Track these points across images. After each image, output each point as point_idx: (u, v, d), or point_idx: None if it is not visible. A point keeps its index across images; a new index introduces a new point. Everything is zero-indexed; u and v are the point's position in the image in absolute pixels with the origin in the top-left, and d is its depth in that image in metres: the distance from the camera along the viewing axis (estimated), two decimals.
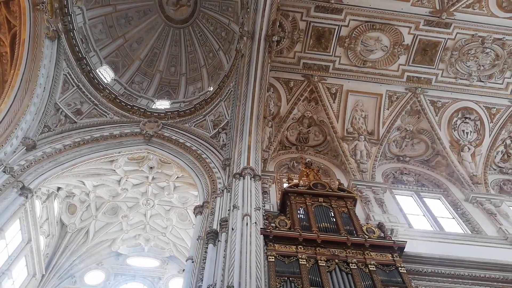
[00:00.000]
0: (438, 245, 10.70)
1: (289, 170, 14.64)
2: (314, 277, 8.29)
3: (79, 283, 18.43)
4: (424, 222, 12.54)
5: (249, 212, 9.51)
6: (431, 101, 15.39)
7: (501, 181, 15.31)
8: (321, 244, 9.12)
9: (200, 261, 9.17)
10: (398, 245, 9.44)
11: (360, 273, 8.54)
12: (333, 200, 10.74)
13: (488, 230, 11.88)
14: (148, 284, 19.05)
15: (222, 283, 7.85)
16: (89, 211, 18.19)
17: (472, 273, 9.64)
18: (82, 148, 14.18)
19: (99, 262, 19.53)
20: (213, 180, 12.57)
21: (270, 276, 8.17)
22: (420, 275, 9.39)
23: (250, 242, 8.57)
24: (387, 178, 14.81)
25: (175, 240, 19.49)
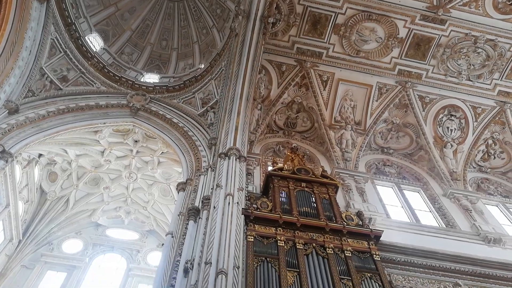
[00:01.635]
0: (413, 236, 11.02)
1: (275, 154, 14.73)
2: (291, 259, 8.47)
3: (56, 251, 18.38)
4: (402, 213, 12.86)
5: (232, 192, 9.57)
6: (420, 96, 15.56)
7: (479, 179, 15.75)
8: (300, 227, 9.29)
9: (180, 236, 9.23)
10: (375, 234, 9.69)
11: (336, 258, 8.76)
12: (316, 186, 10.89)
13: (462, 225, 12.27)
14: (126, 256, 19.13)
15: (200, 259, 7.94)
16: (70, 180, 18.00)
17: (443, 265, 10.00)
18: (66, 116, 13.91)
19: (78, 231, 19.47)
20: (198, 158, 12.54)
21: (248, 255, 8.31)
22: (393, 264, 9.68)
23: (231, 221, 8.65)
24: (370, 168, 15.06)
25: (155, 215, 19.53)
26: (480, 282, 9.91)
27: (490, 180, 15.90)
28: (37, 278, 16.92)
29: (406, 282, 9.41)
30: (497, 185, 15.74)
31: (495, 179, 15.98)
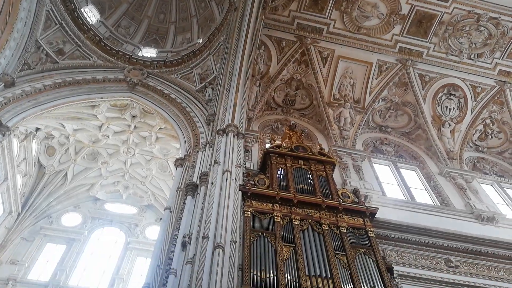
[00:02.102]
0: (407, 213, 11.20)
1: (273, 131, 14.72)
2: (287, 234, 8.61)
3: (55, 224, 18.59)
4: (398, 191, 13.01)
5: (229, 168, 9.63)
6: (420, 74, 15.45)
7: (475, 158, 15.87)
8: (297, 204, 9.40)
9: (178, 211, 9.34)
10: (370, 211, 9.83)
11: (331, 234, 8.91)
12: (313, 164, 10.95)
13: (456, 203, 12.45)
14: (124, 229, 19.39)
15: (198, 233, 8.07)
16: (68, 155, 18.02)
17: (436, 242, 10.20)
18: (63, 90, 13.77)
19: (77, 205, 19.64)
20: (196, 135, 12.54)
21: (245, 230, 8.44)
22: (387, 240, 9.87)
23: (229, 197, 8.75)
24: (367, 146, 15.12)
25: (154, 190, 19.68)
26: (471, 259, 10.14)
27: (486, 159, 16.02)
28: (37, 250, 17.20)
29: (400, 258, 9.62)
30: (492, 165, 15.88)
31: (491, 159, 16.09)
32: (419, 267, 9.55)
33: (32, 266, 16.48)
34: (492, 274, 9.91)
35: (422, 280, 9.20)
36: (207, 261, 7.22)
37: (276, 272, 7.66)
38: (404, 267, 9.40)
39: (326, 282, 7.70)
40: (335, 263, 8.16)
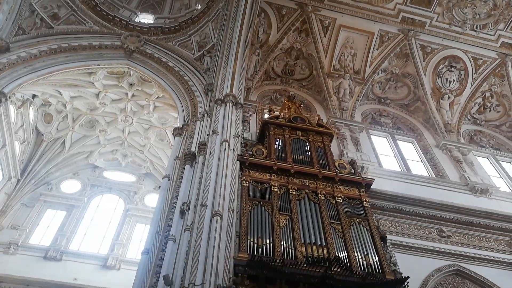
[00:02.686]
0: (403, 184, 11.37)
1: (272, 102, 14.65)
2: (284, 204, 8.77)
3: (55, 190, 18.79)
4: (394, 163, 13.15)
5: (228, 138, 9.66)
6: (421, 45, 15.22)
7: (472, 131, 15.94)
8: (294, 174, 9.51)
9: (176, 179, 9.45)
10: (366, 182, 9.98)
11: (327, 204, 9.09)
12: (311, 135, 11.00)
13: (451, 175, 12.62)
14: (124, 197, 19.64)
15: (197, 201, 8.21)
16: (65, 122, 17.96)
17: (429, 212, 10.44)
18: (59, 56, 13.53)
19: (76, 172, 19.78)
20: (194, 104, 12.47)
21: (242, 199, 8.59)
22: (382, 210, 10.09)
23: (227, 167, 8.84)
24: (366, 118, 15.12)
25: (152, 158, 19.78)
26: (463, 230, 10.42)
27: (483, 132, 16.10)
28: (37, 215, 17.47)
29: (393, 228, 9.86)
30: (489, 138, 15.98)
31: (488, 132, 16.17)
32: (411, 236, 9.81)
33: (33, 231, 16.80)
34: (482, 244, 10.21)
35: (414, 249, 9.48)
36: (205, 228, 7.39)
37: (273, 239, 7.86)
38: (397, 236, 9.65)
39: (321, 249, 7.93)
40: (330, 231, 8.37)
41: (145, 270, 7.40)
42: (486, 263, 9.72)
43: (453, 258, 9.58)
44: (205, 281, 6.48)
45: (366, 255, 8.13)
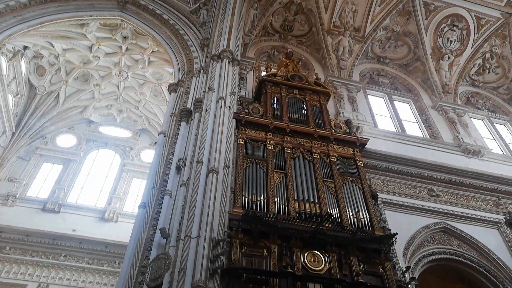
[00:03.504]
0: (397, 145, 11.50)
1: (269, 59, 14.37)
2: (278, 162, 8.89)
3: (50, 144, 18.83)
4: (389, 123, 13.20)
5: (224, 95, 9.58)
6: (425, 2, 14.74)
7: (469, 93, 15.90)
8: (289, 133, 9.56)
9: (172, 136, 9.47)
10: (361, 141, 10.07)
11: (321, 163, 9.22)
12: (308, 94, 10.92)
13: (445, 136, 12.75)
14: (120, 152, 19.75)
15: (192, 158, 8.29)
16: (58, 75, 17.63)
17: (421, 172, 10.65)
18: (49, 5, 12.99)
19: (71, 127, 19.72)
20: (190, 59, 12.21)
21: (238, 157, 8.68)
22: (374, 169, 10.27)
23: (223, 124, 8.84)
24: (364, 77, 14.96)
25: (147, 114, 19.68)
26: (453, 189, 10.69)
27: (480, 94, 16.07)
28: (33, 169, 17.62)
29: (385, 187, 10.09)
30: (486, 100, 15.97)
31: (485, 94, 16.14)
32: (402, 195, 10.07)
33: (30, 184, 17.02)
34: (470, 204, 10.52)
35: (404, 207, 9.76)
36: (201, 184, 7.52)
37: (267, 196, 8.05)
38: (388, 195, 9.90)
39: (314, 206, 8.15)
40: (323, 189, 8.56)
41: (142, 223, 7.61)
42: (472, 222, 10.08)
43: (441, 216, 9.90)
44: (200, 234, 6.70)
45: (357, 212, 8.38)
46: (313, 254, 7.23)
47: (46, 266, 14.02)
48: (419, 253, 8.98)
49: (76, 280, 14.00)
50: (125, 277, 6.80)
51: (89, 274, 14.29)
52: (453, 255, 9.30)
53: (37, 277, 13.67)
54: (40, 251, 14.32)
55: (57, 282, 13.72)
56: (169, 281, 6.25)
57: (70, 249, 14.61)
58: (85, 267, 14.40)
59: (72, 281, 13.93)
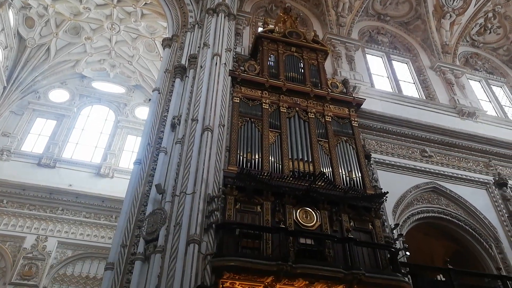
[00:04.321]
0: (393, 105, 11.47)
1: (266, 14, 13.89)
2: (274, 121, 8.88)
3: (43, 99, 18.57)
4: (386, 83, 13.08)
5: (219, 52, 9.37)
6: None
7: (469, 53, 15.66)
8: (285, 92, 9.46)
9: (167, 93, 9.35)
10: (357, 102, 10.02)
11: (316, 122, 9.22)
12: (305, 51, 10.69)
13: (441, 98, 12.71)
14: (113, 108, 19.56)
15: (187, 115, 8.25)
16: (48, 27, 17.04)
17: (415, 133, 10.73)
18: None
19: (63, 82, 19.35)
20: (184, 13, 11.81)
21: (233, 115, 8.64)
22: (369, 130, 10.32)
23: (218, 82, 8.72)
24: (363, 36, 14.60)
25: (141, 70, 19.30)
26: (445, 150, 10.83)
27: (479, 55, 15.84)
28: (27, 123, 17.49)
29: (378, 147, 10.19)
30: (485, 61, 15.78)
31: (484, 55, 15.92)
32: (395, 155, 10.19)
33: (24, 138, 16.96)
34: (461, 165, 10.71)
35: (396, 167, 9.91)
36: (196, 142, 7.54)
37: (261, 154, 8.12)
38: (381, 155, 10.01)
39: (307, 165, 8.26)
40: (317, 148, 8.63)
41: (138, 179, 7.71)
42: (462, 182, 10.31)
43: (432, 176, 10.10)
44: (195, 190, 6.82)
45: (349, 171, 8.51)
46: (305, 211, 7.42)
47: (44, 219, 14.32)
48: (408, 211, 9.25)
49: (74, 233, 14.36)
50: (122, 231, 6.98)
51: (86, 227, 14.64)
52: (441, 213, 9.61)
53: (35, 230, 13.99)
54: (37, 205, 14.55)
55: (55, 235, 14.07)
56: (165, 235, 6.44)
57: (67, 203, 14.85)
58: (82, 220, 14.72)
59: (70, 234, 14.29)
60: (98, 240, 14.48)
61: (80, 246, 14.19)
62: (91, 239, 14.44)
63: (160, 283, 5.83)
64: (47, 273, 13.18)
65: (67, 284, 13.42)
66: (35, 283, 12.77)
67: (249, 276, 6.19)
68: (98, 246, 14.31)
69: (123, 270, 6.44)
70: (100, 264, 13.62)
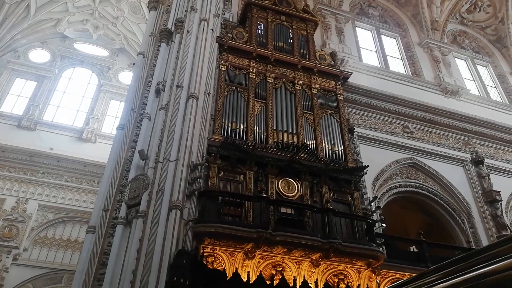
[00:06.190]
0: (379, 80, 11.52)
1: None
2: (260, 91, 8.83)
3: (23, 59, 17.89)
4: (374, 58, 13.07)
5: (207, 17, 9.12)
6: None
7: (457, 31, 15.68)
8: (273, 62, 9.37)
9: (152, 57, 9.13)
10: (344, 75, 10.02)
11: (303, 94, 9.22)
12: (295, 21, 10.52)
13: (427, 75, 12.81)
14: (97, 72, 19.02)
15: (172, 82, 8.10)
16: None
17: (399, 109, 10.87)
18: None
19: (44, 41, 18.62)
20: None
21: (219, 83, 8.55)
22: (354, 104, 10.39)
23: (205, 48, 8.54)
24: (354, 8, 14.40)
25: (126, 33, 18.69)
26: (426, 127, 11.05)
27: (467, 33, 15.88)
28: (6, 83, 16.92)
29: (362, 121, 10.30)
30: (472, 40, 15.85)
31: (472, 33, 15.96)
32: (378, 130, 10.35)
33: (3, 99, 16.45)
34: (441, 142, 10.97)
35: (378, 141, 10.09)
36: (180, 109, 7.46)
37: (246, 124, 8.12)
38: (365, 129, 10.15)
39: (292, 136, 8.32)
40: (302, 121, 8.68)
41: (121, 144, 7.64)
42: (440, 159, 10.60)
43: (412, 152, 10.34)
44: (179, 157, 6.82)
45: (332, 144, 8.63)
46: (287, 181, 7.55)
47: (24, 182, 14.15)
48: (387, 185, 9.51)
49: (55, 197, 14.28)
50: (104, 195, 6.99)
51: (68, 191, 14.56)
52: (418, 188, 9.91)
53: (16, 192, 13.84)
54: (17, 167, 14.32)
55: (36, 198, 13.96)
56: (147, 200, 6.48)
57: (48, 166, 14.65)
58: (64, 184, 14.61)
59: (51, 197, 14.20)
60: (79, 205, 14.45)
61: (62, 210, 14.15)
62: (72, 203, 14.39)
63: (142, 247, 5.92)
64: (27, 235, 13.18)
65: (48, 246, 13.47)
66: (15, 244, 12.78)
67: (229, 242, 6.34)
68: (79, 210, 14.30)
69: (104, 234, 6.50)
70: (81, 228, 13.65)
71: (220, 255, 6.36)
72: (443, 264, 1.79)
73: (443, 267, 1.77)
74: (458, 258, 1.72)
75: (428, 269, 1.87)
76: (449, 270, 1.72)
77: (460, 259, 1.71)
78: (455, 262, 1.73)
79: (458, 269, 1.67)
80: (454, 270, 1.70)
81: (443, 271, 1.74)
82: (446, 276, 1.72)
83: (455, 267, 1.70)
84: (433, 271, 1.83)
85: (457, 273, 1.67)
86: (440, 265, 1.79)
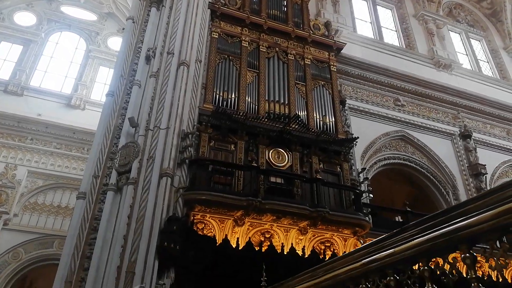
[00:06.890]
0: (372, 52, 11.42)
1: None
2: (252, 60, 8.72)
3: (7, 21, 17.24)
4: (369, 29, 12.89)
5: None
6: None
7: (453, 4, 15.47)
8: (266, 30, 9.21)
9: (142, 23, 8.87)
10: (337, 46, 9.91)
11: (295, 65, 9.13)
12: None
13: (421, 48, 12.73)
14: (85, 37, 18.47)
15: (163, 48, 7.93)
16: None
17: (391, 82, 10.86)
18: None
19: (29, 3, 17.88)
20: None
21: (211, 51, 8.40)
22: (346, 75, 10.34)
23: (196, 14, 8.33)
24: None
25: None
26: (418, 100, 11.10)
27: (463, 6, 15.69)
28: None
29: (354, 93, 10.29)
30: (467, 13, 15.68)
31: (468, 6, 15.78)
32: (369, 102, 10.37)
33: None
34: (431, 115, 11.07)
35: (369, 114, 10.13)
36: (171, 77, 7.35)
37: (238, 94, 8.07)
38: (356, 101, 10.16)
39: (283, 107, 8.31)
40: (294, 91, 8.64)
41: (111, 111, 7.55)
42: (429, 132, 10.73)
43: (402, 125, 10.43)
44: (170, 125, 6.78)
45: (324, 116, 8.65)
46: (277, 152, 7.60)
47: (12, 148, 13.99)
48: (376, 157, 9.64)
49: (45, 163, 14.18)
50: (94, 162, 6.97)
51: (57, 158, 14.46)
52: (406, 160, 10.08)
53: (4, 158, 13.70)
54: (5, 133, 14.11)
55: (25, 164, 13.86)
56: (138, 168, 6.49)
57: (36, 133, 14.46)
58: (53, 151, 14.48)
59: (40, 164, 14.10)
60: (69, 171, 14.40)
61: (51, 176, 14.10)
62: (62, 170, 14.33)
63: (132, 213, 5.99)
64: (17, 201, 13.18)
65: (38, 212, 13.52)
66: (5, 210, 12.79)
67: (219, 210, 6.44)
68: (69, 177, 14.27)
69: (95, 200, 6.53)
70: (72, 194, 13.67)
71: (210, 222, 6.48)
72: (422, 219, 1.91)
73: (422, 222, 1.88)
74: (437, 213, 1.84)
75: (408, 224, 1.97)
76: (429, 224, 1.82)
77: (438, 214, 1.83)
78: (434, 217, 1.83)
79: (437, 224, 1.77)
80: (433, 224, 1.80)
81: (422, 226, 1.84)
82: (425, 230, 1.82)
83: (434, 222, 1.80)
84: (413, 226, 1.93)
85: (436, 227, 1.76)
86: (420, 220, 1.90)
